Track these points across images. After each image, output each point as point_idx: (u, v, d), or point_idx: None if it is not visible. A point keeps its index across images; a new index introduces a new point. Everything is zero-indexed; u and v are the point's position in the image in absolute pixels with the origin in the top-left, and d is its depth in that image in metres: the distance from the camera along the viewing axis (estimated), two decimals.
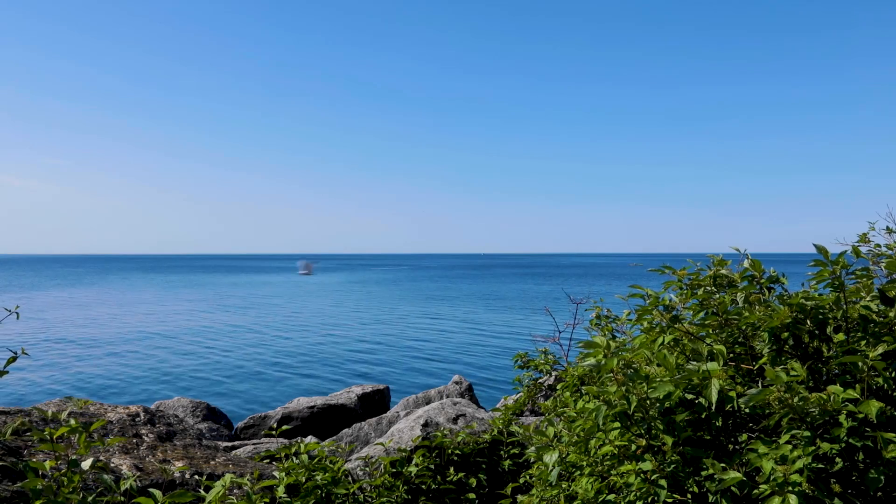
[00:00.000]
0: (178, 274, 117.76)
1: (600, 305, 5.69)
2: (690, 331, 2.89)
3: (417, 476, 4.65)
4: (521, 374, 7.80)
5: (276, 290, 70.25)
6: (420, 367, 22.62)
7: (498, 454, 5.37)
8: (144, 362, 23.57)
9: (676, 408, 2.60)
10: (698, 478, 2.51)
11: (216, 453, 5.06)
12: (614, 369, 2.65)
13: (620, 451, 2.71)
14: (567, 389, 4.63)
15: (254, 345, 28.00)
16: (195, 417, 10.25)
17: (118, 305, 49.20)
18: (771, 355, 2.66)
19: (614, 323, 5.32)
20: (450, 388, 10.69)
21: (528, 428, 5.08)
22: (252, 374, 21.38)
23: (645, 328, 3.18)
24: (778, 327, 2.68)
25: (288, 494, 3.97)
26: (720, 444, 2.65)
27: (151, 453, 4.64)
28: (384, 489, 4.45)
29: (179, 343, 28.62)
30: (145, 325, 35.99)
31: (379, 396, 11.91)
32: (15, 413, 4.63)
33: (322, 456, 4.29)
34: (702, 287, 3.14)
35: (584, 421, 3.01)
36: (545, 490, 3.31)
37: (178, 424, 5.59)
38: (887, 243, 3.28)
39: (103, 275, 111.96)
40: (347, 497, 4.14)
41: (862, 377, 2.40)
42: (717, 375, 2.41)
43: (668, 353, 2.71)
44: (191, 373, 21.70)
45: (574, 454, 3.06)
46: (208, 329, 33.94)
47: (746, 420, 2.71)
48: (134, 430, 4.98)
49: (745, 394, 2.34)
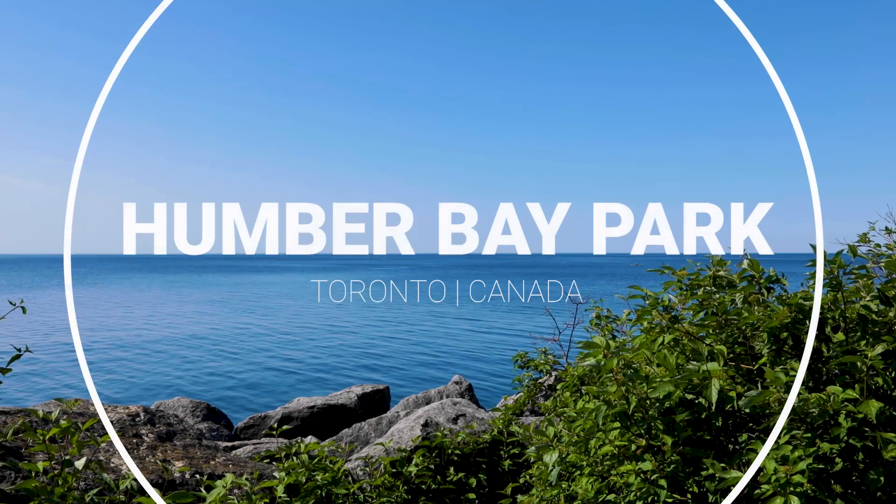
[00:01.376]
0: (178, 274, 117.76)
1: (600, 305, 5.69)
2: (690, 331, 2.89)
3: (417, 476, 4.65)
4: (521, 374, 7.80)
5: (276, 290, 70.25)
6: (420, 368, 22.62)
7: (498, 454, 5.37)
8: (144, 362, 23.57)
9: (676, 408, 2.60)
10: (698, 478, 2.51)
11: (216, 453, 5.07)
12: (614, 369, 2.65)
13: (620, 451, 2.71)
14: (567, 389, 4.62)
15: (254, 345, 28.00)
16: (195, 417, 10.25)
17: (118, 305, 49.18)
18: (771, 355, 2.67)
19: (614, 323, 5.32)
20: (450, 388, 10.70)
21: (528, 428, 5.08)
22: (252, 374, 21.38)
23: (645, 328, 3.18)
24: (777, 327, 2.68)
25: (288, 494, 3.97)
26: (720, 444, 2.65)
27: (151, 453, 4.64)
28: (384, 489, 4.45)
29: (179, 343, 28.62)
30: (145, 324, 35.98)
31: (379, 396, 11.92)
32: (15, 413, 4.63)
33: (322, 456, 4.30)
34: (701, 287, 3.14)
35: (584, 421, 3.01)
36: (545, 490, 3.31)
37: (178, 424, 5.59)
38: (887, 243, 3.28)
39: (104, 275, 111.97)
40: (347, 497, 4.14)
41: (861, 377, 2.41)
42: (718, 375, 2.41)
43: (668, 353, 2.71)
44: (191, 373, 21.70)
45: (574, 454, 3.06)
46: (208, 329, 33.93)
47: (746, 420, 2.72)
48: (134, 430, 4.99)
49: (745, 395, 2.34)
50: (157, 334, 31.74)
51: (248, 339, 30.16)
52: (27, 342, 4.22)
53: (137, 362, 23.62)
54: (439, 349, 26.72)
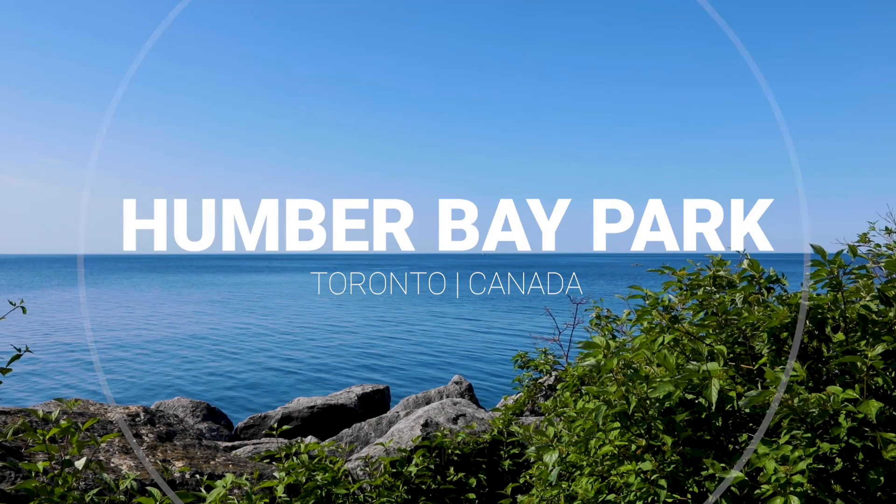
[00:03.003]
0: (179, 274, 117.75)
1: (600, 305, 5.69)
2: (690, 331, 2.89)
3: (417, 476, 4.65)
4: (521, 374, 7.80)
5: (276, 290, 70.24)
6: (420, 367, 22.62)
7: (498, 454, 5.37)
8: (144, 362, 23.57)
9: (676, 408, 2.60)
10: (698, 478, 2.51)
11: (216, 453, 5.06)
12: (614, 369, 2.65)
13: (620, 451, 2.71)
14: (567, 389, 4.62)
15: (254, 345, 28.00)
16: (195, 417, 10.25)
17: (119, 305, 49.19)
18: (770, 355, 2.67)
19: (614, 323, 5.32)
20: (450, 388, 10.70)
21: (528, 428, 5.08)
22: (252, 374, 21.38)
23: (645, 328, 3.18)
24: (777, 327, 2.68)
25: (288, 494, 3.97)
26: (720, 444, 2.65)
27: (151, 453, 4.64)
28: (384, 489, 4.45)
29: (179, 343, 28.62)
30: (146, 324, 35.99)
31: (379, 396, 11.92)
32: (15, 413, 4.63)
33: (322, 456, 4.30)
34: (701, 287, 3.14)
35: (584, 421, 3.01)
36: (545, 490, 3.31)
37: (178, 424, 5.59)
38: (887, 243, 3.28)
39: (104, 274, 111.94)
40: (347, 497, 4.14)
41: (861, 377, 2.41)
42: (718, 375, 2.41)
43: (668, 353, 2.71)
44: (191, 373, 21.70)
45: (574, 454, 3.05)
46: (208, 329, 33.94)
47: (746, 420, 2.72)
48: (134, 430, 4.99)
49: (745, 395, 2.34)
50: (157, 334, 31.74)
51: (248, 339, 30.16)
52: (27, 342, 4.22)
53: (137, 362, 23.62)
54: (439, 349, 26.71)
